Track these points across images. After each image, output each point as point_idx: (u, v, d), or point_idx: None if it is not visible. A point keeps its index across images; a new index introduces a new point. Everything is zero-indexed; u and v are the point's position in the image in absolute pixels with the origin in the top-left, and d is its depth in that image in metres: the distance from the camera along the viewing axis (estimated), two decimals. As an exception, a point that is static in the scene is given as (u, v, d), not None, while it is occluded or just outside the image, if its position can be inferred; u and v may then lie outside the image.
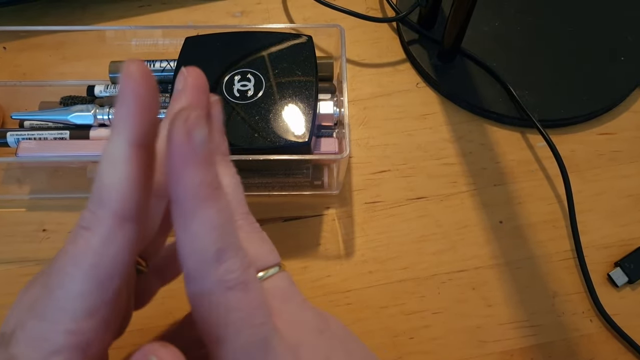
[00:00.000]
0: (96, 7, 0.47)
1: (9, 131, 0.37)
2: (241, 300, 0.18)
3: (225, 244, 0.18)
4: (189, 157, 0.17)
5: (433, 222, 0.38)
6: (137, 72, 0.17)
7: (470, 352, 0.34)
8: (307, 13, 0.48)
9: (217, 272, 0.18)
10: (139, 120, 0.18)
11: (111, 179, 0.18)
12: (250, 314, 0.18)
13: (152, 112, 0.18)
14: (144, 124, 0.18)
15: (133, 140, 0.18)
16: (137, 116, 0.18)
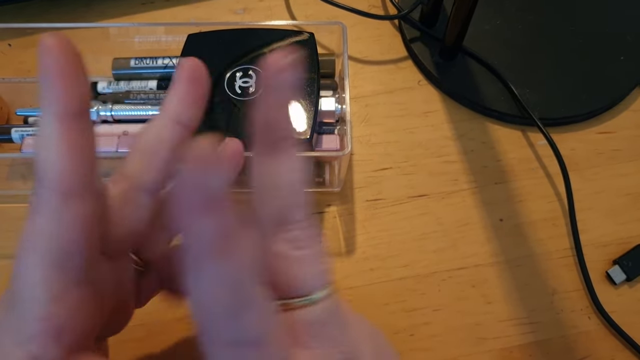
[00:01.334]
0: (99, 4, 0.48)
1: (14, 127, 0.37)
2: (255, 357, 0.17)
3: (239, 301, 0.16)
4: (199, 207, 0.15)
5: (434, 219, 0.39)
6: (53, 44, 0.17)
7: (469, 349, 0.35)
8: (309, 10, 0.48)
9: (228, 330, 0.16)
10: (62, 93, 0.17)
11: (46, 156, 0.17)
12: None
13: (75, 80, 0.17)
14: (69, 95, 0.17)
15: (61, 113, 0.17)
16: (60, 88, 0.17)
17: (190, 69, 0.21)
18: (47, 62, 0.17)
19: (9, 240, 0.38)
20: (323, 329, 0.19)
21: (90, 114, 0.18)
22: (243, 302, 0.16)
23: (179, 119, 0.21)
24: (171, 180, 0.21)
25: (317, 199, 0.39)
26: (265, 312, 0.17)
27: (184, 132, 0.21)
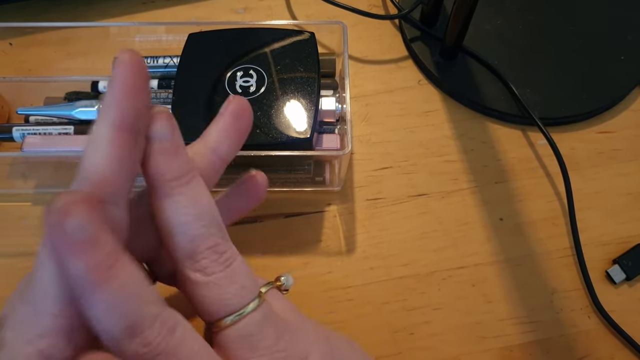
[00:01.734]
0: (100, 3, 0.48)
1: (15, 126, 0.37)
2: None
3: (133, 322, 0.17)
4: (66, 250, 0.16)
5: (434, 219, 0.39)
6: (128, 60, 0.18)
7: (469, 347, 0.35)
8: (310, 10, 0.48)
9: (131, 347, 0.17)
10: (124, 106, 0.18)
11: (93, 159, 0.18)
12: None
13: (138, 99, 0.18)
14: (129, 110, 0.18)
15: (117, 123, 0.18)
16: (123, 101, 0.18)
17: (239, 105, 0.23)
18: (118, 74, 0.18)
19: (9, 239, 0.38)
20: (255, 339, 0.20)
21: (141, 133, 0.20)
22: (137, 322, 0.17)
23: (216, 150, 0.23)
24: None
25: (317, 198, 0.39)
26: (167, 326, 0.18)
27: (218, 163, 0.23)
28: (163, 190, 0.20)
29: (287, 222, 0.39)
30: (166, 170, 0.20)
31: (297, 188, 0.39)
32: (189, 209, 0.20)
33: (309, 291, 0.36)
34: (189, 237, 0.20)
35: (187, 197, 0.20)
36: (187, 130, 0.34)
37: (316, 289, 0.36)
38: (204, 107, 0.34)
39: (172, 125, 0.20)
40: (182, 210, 0.20)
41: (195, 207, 0.20)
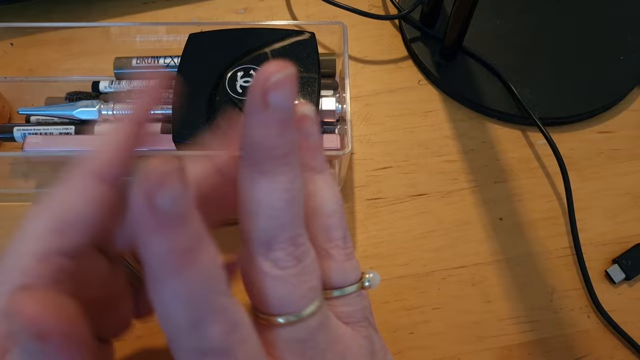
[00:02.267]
0: (101, 3, 0.48)
1: (16, 126, 0.37)
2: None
3: (201, 313, 0.16)
4: (151, 226, 0.15)
5: (434, 218, 0.39)
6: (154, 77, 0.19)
7: (469, 347, 0.35)
8: (310, 10, 0.48)
9: (191, 340, 0.16)
10: (143, 107, 0.19)
11: (97, 148, 0.19)
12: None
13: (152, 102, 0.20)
14: (145, 108, 0.20)
15: (133, 120, 0.19)
16: (144, 102, 0.20)
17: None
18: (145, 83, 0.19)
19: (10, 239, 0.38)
20: (305, 345, 0.19)
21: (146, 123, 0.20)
22: (205, 314, 0.16)
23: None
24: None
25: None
26: (232, 323, 0.17)
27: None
28: (262, 166, 0.18)
29: (288, 222, 0.39)
30: (275, 145, 0.17)
31: (297, 188, 0.39)
32: (284, 193, 0.18)
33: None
34: (274, 224, 0.18)
35: (286, 180, 0.18)
36: (188, 130, 0.34)
37: (316, 288, 0.36)
38: (205, 107, 0.35)
39: (293, 95, 0.17)
40: (277, 194, 0.18)
41: (291, 192, 0.18)
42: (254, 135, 0.17)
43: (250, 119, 0.17)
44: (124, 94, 0.38)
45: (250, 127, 0.17)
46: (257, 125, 0.17)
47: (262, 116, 0.17)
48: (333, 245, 0.20)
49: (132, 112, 0.19)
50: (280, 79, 0.16)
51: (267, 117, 0.17)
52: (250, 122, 0.17)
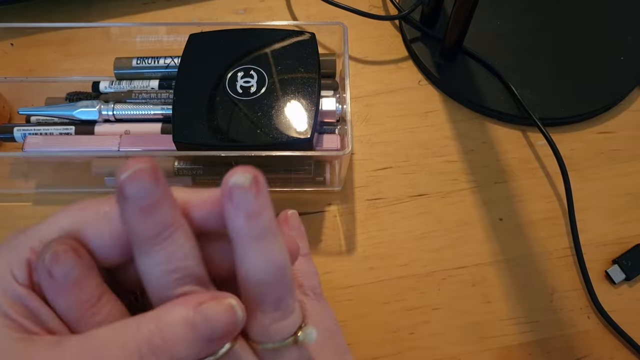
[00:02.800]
0: (101, 4, 0.48)
1: (16, 126, 0.37)
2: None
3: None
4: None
5: (434, 219, 0.39)
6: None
7: (469, 347, 0.35)
8: (311, 10, 0.48)
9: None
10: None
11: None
12: None
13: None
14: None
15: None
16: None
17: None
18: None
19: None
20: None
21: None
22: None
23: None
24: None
25: (317, 198, 0.39)
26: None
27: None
28: (139, 247, 0.20)
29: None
30: (142, 229, 0.19)
31: (297, 188, 0.39)
32: (164, 265, 0.19)
33: (309, 291, 0.36)
34: (158, 288, 0.20)
35: (164, 254, 0.19)
36: (188, 130, 0.34)
37: (316, 288, 0.36)
38: (205, 107, 0.35)
39: (151, 180, 0.19)
40: (158, 268, 0.20)
41: (171, 263, 0.20)
42: (124, 222, 0.20)
43: (119, 210, 0.19)
44: (124, 94, 0.38)
45: (121, 216, 0.19)
46: (123, 213, 0.19)
47: (124, 206, 0.19)
48: (260, 309, 0.21)
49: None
50: (132, 172, 0.18)
51: (128, 207, 0.19)
52: (120, 213, 0.19)
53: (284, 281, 0.21)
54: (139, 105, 0.37)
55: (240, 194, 0.19)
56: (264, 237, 0.20)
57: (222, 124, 0.34)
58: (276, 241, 0.20)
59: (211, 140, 0.34)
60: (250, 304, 0.21)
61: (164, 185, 0.19)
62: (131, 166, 0.18)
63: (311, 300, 0.26)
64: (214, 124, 0.34)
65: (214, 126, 0.34)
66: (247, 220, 0.20)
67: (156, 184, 0.19)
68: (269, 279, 0.20)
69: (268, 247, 0.20)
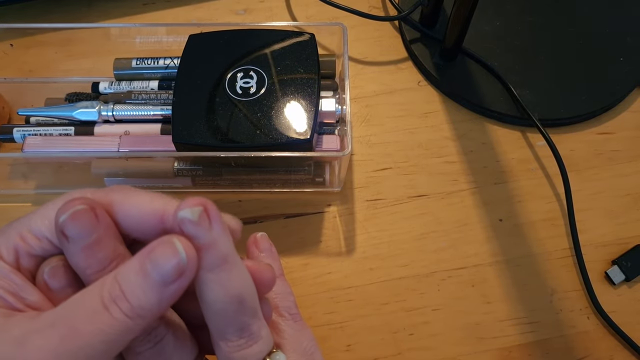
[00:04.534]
0: (101, 4, 0.48)
1: (16, 127, 0.37)
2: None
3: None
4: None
5: (434, 219, 0.39)
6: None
7: (469, 348, 0.35)
8: (310, 11, 0.48)
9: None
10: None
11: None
12: None
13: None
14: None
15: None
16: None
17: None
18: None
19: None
20: None
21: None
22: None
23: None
24: None
25: (317, 199, 0.39)
26: None
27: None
28: (85, 280, 0.20)
29: (288, 223, 0.39)
30: (87, 265, 0.20)
31: (297, 189, 0.39)
32: (109, 294, 0.19)
33: (309, 292, 0.36)
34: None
35: (104, 290, 0.19)
36: (187, 131, 0.34)
37: (316, 289, 0.36)
38: (205, 108, 0.35)
39: (91, 219, 0.20)
40: (105, 297, 0.19)
41: (113, 291, 0.19)
42: (69, 261, 0.20)
43: (62, 249, 0.20)
44: (124, 94, 0.38)
45: (65, 254, 0.20)
46: (67, 253, 0.20)
47: (68, 247, 0.20)
48: (222, 337, 0.21)
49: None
50: (72, 213, 0.19)
51: (71, 247, 0.20)
52: (64, 251, 0.20)
53: (244, 310, 0.21)
54: (139, 106, 0.37)
55: (191, 228, 0.19)
56: (220, 268, 0.20)
57: (221, 124, 0.34)
58: (234, 270, 0.20)
59: (211, 141, 0.34)
60: (213, 333, 0.21)
61: (103, 220, 0.20)
62: (70, 207, 0.19)
63: (287, 321, 0.26)
64: (213, 125, 0.34)
65: (214, 127, 0.34)
66: (200, 252, 0.20)
67: (96, 222, 0.20)
68: (228, 308, 0.20)
69: (225, 276, 0.20)
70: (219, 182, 0.38)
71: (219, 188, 0.39)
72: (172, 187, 0.39)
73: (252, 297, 0.21)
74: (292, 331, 0.25)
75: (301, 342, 0.25)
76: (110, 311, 0.18)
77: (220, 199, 0.39)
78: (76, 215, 0.19)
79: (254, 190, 0.39)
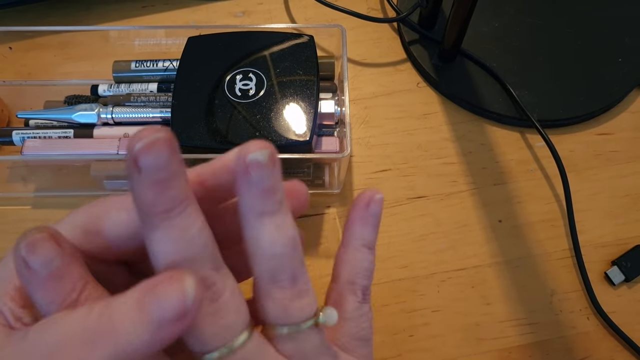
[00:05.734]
0: (100, 7, 0.48)
1: (15, 130, 0.37)
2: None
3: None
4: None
5: (433, 221, 0.39)
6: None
7: (469, 349, 0.35)
8: (309, 13, 0.48)
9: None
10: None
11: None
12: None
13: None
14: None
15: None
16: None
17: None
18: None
19: (9, 243, 0.38)
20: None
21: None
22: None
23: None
24: None
25: (316, 201, 0.39)
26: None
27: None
28: (148, 222, 0.19)
29: (287, 225, 0.39)
30: (154, 202, 0.18)
31: (296, 191, 0.39)
32: (174, 244, 0.19)
33: (309, 293, 0.36)
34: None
35: (174, 232, 0.19)
36: (187, 133, 0.34)
37: (316, 291, 0.36)
38: (204, 110, 0.35)
39: (169, 151, 0.18)
40: (164, 246, 0.19)
41: (182, 241, 0.19)
42: (134, 195, 0.18)
43: (130, 181, 0.18)
44: (123, 97, 0.38)
45: (131, 188, 0.18)
46: (134, 186, 0.18)
47: (137, 178, 0.18)
48: (276, 286, 0.20)
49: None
50: (148, 142, 0.17)
51: (141, 179, 0.18)
52: (131, 184, 0.18)
53: (298, 256, 0.20)
54: (138, 109, 0.37)
55: (259, 170, 0.19)
56: (279, 212, 0.20)
57: (220, 126, 0.34)
58: (288, 215, 0.20)
59: (210, 143, 0.34)
60: (266, 282, 0.20)
61: (179, 157, 0.18)
62: (148, 135, 0.17)
63: (355, 302, 0.24)
64: (212, 127, 0.34)
65: (213, 129, 0.34)
66: (263, 196, 0.19)
67: (173, 156, 0.18)
68: (286, 251, 0.20)
69: (282, 219, 0.20)
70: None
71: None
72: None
73: (300, 245, 0.21)
74: (357, 313, 0.24)
75: (362, 327, 0.24)
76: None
77: (219, 201, 0.39)
78: (156, 143, 0.17)
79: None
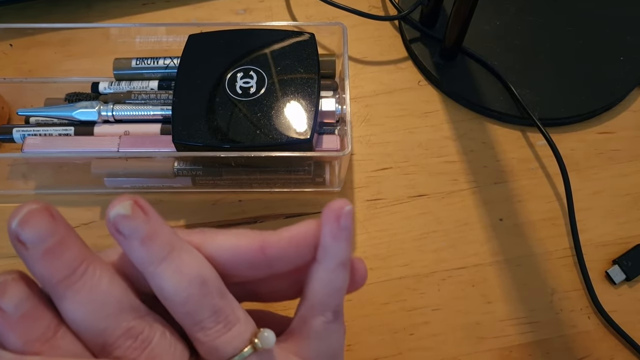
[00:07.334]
0: (101, 4, 0.48)
1: (15, 127, 0.37)
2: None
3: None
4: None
5: (434, 219, 0.39)
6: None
7: (469, 348, 0.35)
8: (310, 11, 0.48)
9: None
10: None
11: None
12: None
13: None
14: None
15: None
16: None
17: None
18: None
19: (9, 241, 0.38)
20: None
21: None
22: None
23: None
24: None
25: (317, 199, 0.39)
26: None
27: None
28: (57, 294, 0.19)
29: (288, 223, 0.38)
30: (52, 272, 0.18)
31: (297, 189, 0.39)
32: (86, 305, 0.19)
33: (309, 292, 0.36)
34: (95, 333, 0.19)
35: (81, 296, 0.18)
36: (187, 131, 0.34)
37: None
38: (205, 108, 0.35)
39: (48, 218, 0.18)
40: (78, 308, 0.19)
41: (90, 304, 0.19)
42: (32, 272, 0.19)
43: (22, 260, 0.19)
44: (123, 94, 0.38)
45: (27, 266, 0.19)
46: (26, 263, 0.18)
47: (26, 255, 0.18)
48: (198, 328, 0.20)
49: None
50: (23, 216, 0.18)
51: (30, 255, 0.18)
52: (24, 263, 0.19)
53: (210, 291, 0.20)
54: (139, 106, 0.37)
55: (126, 223, 0.18)
56: (170, 255, 0.19)
57: (221, 124, 0.34)
58: (183, 253, 0.20)
59: (211, 141, 0.34)
60: (188, 327, 0.20)
61: (63, 221, 0.18)
62: (21, 210, 0.18)
63: (325, 323, 0.23)
64: (213, 125, 0.34)
65: (214, 127, 0.34)
66: (144, 246, 0.19)
67: (55, 222, 0.18)
68: (193, 292, 0.19)
69: (178, 262, 0.19)
70: (219, 182, 0.38)
71: (219, 188, 0.39)
72: (172, 187, 0.39)
73: (214, 277, 0.20)
74: (325, 333, 0.23)
75: (330, 344, 0.23)
76: None
77: (220, 199, 0.39)
78: (31, 214, 0.18)
79: (254, 190, 0.39)
